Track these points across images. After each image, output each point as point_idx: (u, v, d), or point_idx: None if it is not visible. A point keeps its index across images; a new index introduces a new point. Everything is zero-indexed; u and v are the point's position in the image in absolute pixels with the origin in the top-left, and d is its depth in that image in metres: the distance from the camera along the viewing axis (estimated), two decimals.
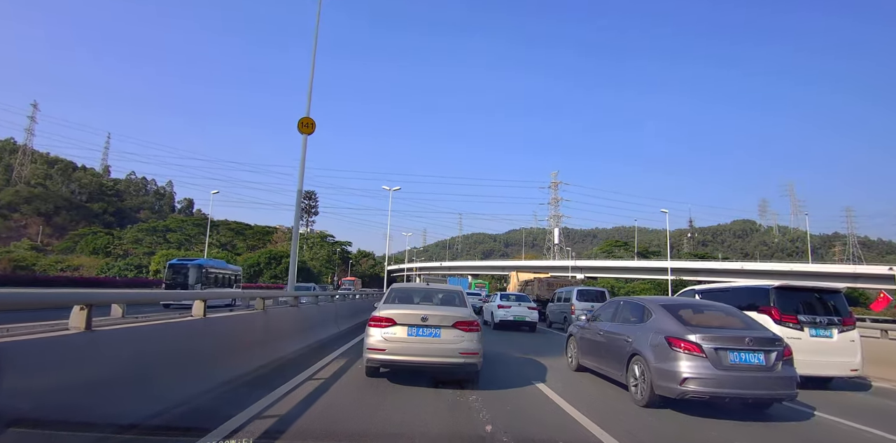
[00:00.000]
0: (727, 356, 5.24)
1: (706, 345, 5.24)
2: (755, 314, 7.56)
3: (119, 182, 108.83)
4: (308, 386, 5.57)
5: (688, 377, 5.12)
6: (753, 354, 5.31)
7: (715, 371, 5.12)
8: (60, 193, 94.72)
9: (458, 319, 5.81)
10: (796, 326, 7.40)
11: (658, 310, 6.12)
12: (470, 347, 5.72)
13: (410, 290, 7.46)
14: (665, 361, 5.37)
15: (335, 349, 8.72)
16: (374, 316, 5.86)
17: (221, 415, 3.93)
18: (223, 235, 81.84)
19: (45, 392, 2.84)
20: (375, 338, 5.74)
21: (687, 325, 5.63)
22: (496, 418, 4.53)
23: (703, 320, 5.91)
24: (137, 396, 3.65)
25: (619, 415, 5.08)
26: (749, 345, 5.32)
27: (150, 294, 11.29)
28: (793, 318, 7.46)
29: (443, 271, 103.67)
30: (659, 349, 5.52)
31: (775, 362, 5.31)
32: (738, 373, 5.18)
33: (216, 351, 5.27)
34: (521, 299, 16.88)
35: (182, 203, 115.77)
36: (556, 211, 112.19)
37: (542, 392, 5.93)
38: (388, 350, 5.67)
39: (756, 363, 5.29)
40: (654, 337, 5.71)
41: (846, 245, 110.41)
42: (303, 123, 11.59)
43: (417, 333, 5.73)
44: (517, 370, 7.70)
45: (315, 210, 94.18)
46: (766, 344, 5.38)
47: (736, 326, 5.82)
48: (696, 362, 5.19)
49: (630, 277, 72.18)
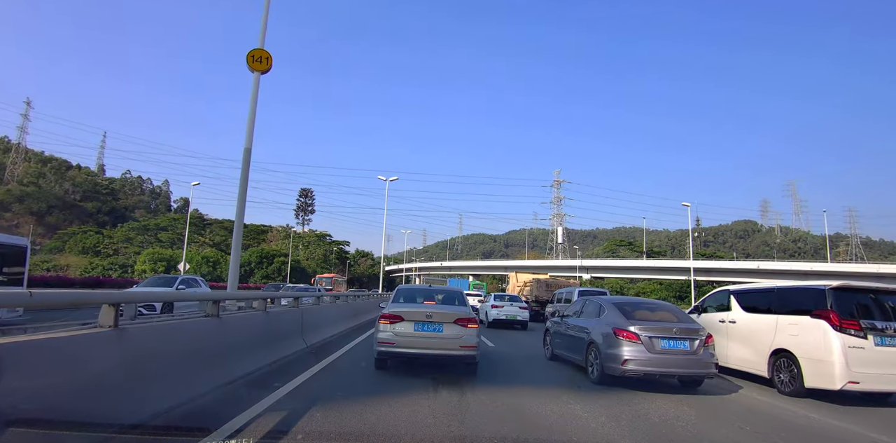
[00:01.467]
0: (659, 343, 6.56)
1: (642, 334, 6.58)
2: (807, 320, 6.81)
3: (114, 181, 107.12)
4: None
5: (627, 359, 6.45)
6: (680, 341, 6.63)
7: (649, 354, 6.45)
8: (54, 191, 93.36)
9: (459, 316, 6.58)
10: (859, 334, 6.37)
11: (610, 307, 7.50)
12: (469, 340, 6.49)
13: (415, 290, 8.38)
14: (611, 347, 6.70)
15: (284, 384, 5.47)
16: (384, 313, 6.62)
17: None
18: (216, 233, 79.82)
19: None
20: (386, 333, 6.46)
21: (629, 319, 6.94)
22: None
23: (644, 316, 7.15)
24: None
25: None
26: (676, 334, 6.67)
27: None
28: (854, 324, 6.44)
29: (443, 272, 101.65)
30: (607, 338, 6.85)
31: (698, 348, 6.62)
32: (667, 356, 6.51)
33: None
34: (513, 300, 18.01)
35: (178, 202, 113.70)
36: (559, 210, 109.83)
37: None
38: (397, 343, 6.41)
39: (682, 348, 6.62)
40: (604, 329, 7.04)
41: (849, 245, 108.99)
42: (253, 56, 9.38)
43: (423, 328, 6.50)
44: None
45: (311, 208, 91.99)
46: (691, 333, 6.72)
47: (669, 320, 7.10)
48: (634, 348, 6.51)
49: (638, 277, 69.72)
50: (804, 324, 6.81)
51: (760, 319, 7.68)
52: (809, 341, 6.63)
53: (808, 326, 6.74)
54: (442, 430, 4.03)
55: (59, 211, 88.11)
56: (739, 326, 8.10)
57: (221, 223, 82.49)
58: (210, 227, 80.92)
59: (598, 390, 6.48)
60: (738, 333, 8.08)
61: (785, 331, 7.07)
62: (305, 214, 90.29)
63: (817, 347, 6.49)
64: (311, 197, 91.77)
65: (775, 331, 7.23)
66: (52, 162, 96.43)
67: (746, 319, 8.01)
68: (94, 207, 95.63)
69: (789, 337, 6.95)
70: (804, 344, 6.68)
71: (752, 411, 5.78)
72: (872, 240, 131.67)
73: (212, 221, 79.78)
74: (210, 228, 79.98)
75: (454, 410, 4.76)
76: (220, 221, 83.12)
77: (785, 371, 6.91)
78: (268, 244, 76.23)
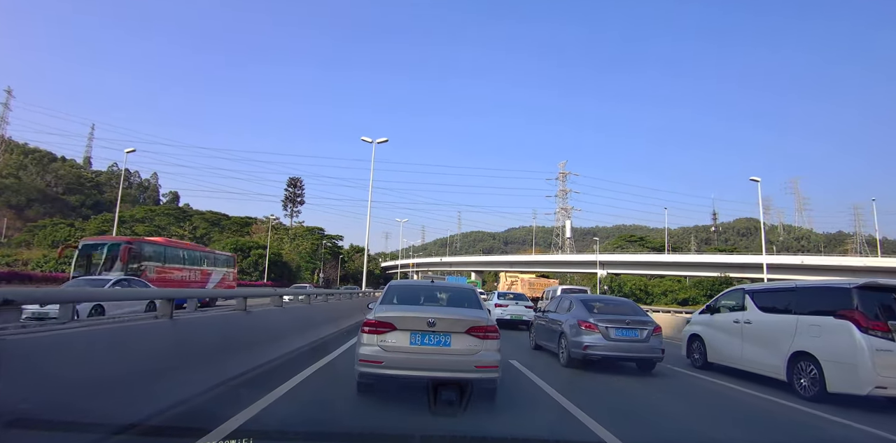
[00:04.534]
0: (613, 331, 8.12)
1: (600, 325, 8.13)
2: (831, 320, 6.51)
3: (100, 174, 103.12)
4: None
5: (587, 345, 8.01)
6: (631, 330, 8.18)
7: (605, 341, 8.03)
8: (35, 184, 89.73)
9: (473, 323, 4.96)
10: (886, 336, 6.01)
11: (578, 303, 9.09)
12: (487, 358, 4.87)
13: (412, 288, 6.79)
14: (576, 335, 8.26)
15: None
16: (369, 320, 5.00)
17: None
18: (199, 226, 74.82)
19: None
20: (370, 347, 4.85)
21: (591, 312, 8.55)
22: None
23: (604, 310, 8.85)
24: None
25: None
26: (628, 325, 8.22)
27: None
28: (882, 325, 6.08)
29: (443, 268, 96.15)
30: (573, 328, 8.42)
31: (647, 336, 8.18)
32: (620, 342, 8.09)
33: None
34: (518, 298, 17.63)
35: (168, 196, 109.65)
36: (565, 203, 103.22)
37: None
38: (387, 362, 4.76)
39: (633, 337, 8.17)
40: (572, 321, 8.60)
41: (854, 243, 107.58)
42: None
43: (422, 341, 4.85)
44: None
45: (301, 199, 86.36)
46: (641, 325, 8.26)
47: (625, 314, 8.67)
48: (594, 336, 8.08)
49: (661, 273, 62.27)
50: (827, 325, 6.55)
51: (778, 320, 7.49)
52: (833, 344, 6.39)
53: (832, 327, 6.46)
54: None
55: (40, 204, 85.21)
56: (755, 327, 7.96)
57: (203, 215, 77.52)
58: (190, 218, 76.03)
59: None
60: (753, 334, 7.97)
61: (806, 332, 6.84)
62: (294, 205, 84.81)
63: (842, 349, 6.24)
64: (300, 187, 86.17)
65: (795, 332, 7.02)
66: (34, 153, 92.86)
67: (763, 319, 7.86)
68: (78, 201, 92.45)
69: (811, 339, 6.73)
70: (827, 346, 6.45)
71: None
72: (875, 238, 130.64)
73: (193, 212, 74.88)
74: (191, 221, 75.08)
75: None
76: (202, 213, 78.15)
77: (805, 375, 6.69)
78: (251, 237, 70.84)
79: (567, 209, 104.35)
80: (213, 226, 77.48)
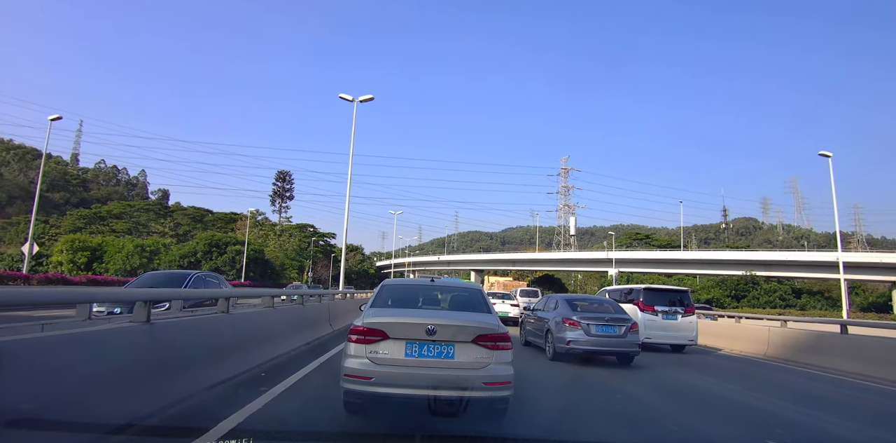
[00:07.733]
0: (594, 328, 9.02)
1: (582, 322, 9.05)
2: (630, 305, 11.99)
3: (87, 171, 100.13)
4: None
5: (570, 340, 8.92)
6: (610, 327, 9.08)
7: (587, 337, 8.94)
8: (17, 181, 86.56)
9: (482, 330, 4.18)
10: (653, 313, 12.05)
11: (563, 302, 10.10)
12: (499, 373, 4.11)
13: (409, 288, 5.91)
14: (560, 331, 9.15)
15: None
16: (356, 327, 4.23)
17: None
18: (181, 222, 71.07)
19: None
20: (358, 359, 4.08)
21: (574, 311, 9.52)
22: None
23: (586, 308, 9.90)
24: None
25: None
26: (607, 322, 9.12)
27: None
28: (651, 307, 12.04)
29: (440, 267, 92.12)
30: (558, 325, 9.31)
31: (625, 332, 9.07)
32: (601, 338, 8.98)
33: None
34: (505, 297, 20.29)
35: (157, 194, 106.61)
36: (567, 200, 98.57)
37: None
38: (377, 378, 3.98)
39: (612, 333, 9.06)
40: (557, 318, 9.47)
41: (854, 242, 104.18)
42: None
43: (420, 352, 4.08)
44: None
45: (290, 194, 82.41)
46: (620, 322, 9.16)
47: (606, 311, 9.68)
48: (576, 332, 8.99)
49: (679, 272, 58.10)
50: (628, 308, 11.77)
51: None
52: (631, 315, 10.28)
53: (630, 308, 11.91)
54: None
55: (23, 201, 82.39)
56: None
57: (185, 211, 73.89)
58: (172, 214, 72.48)
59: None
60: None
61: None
62: (283, 200, 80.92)
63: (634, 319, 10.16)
64: (289, 181, 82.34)
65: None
66: (17, 150, 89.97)
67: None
68: (62, 198, 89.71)
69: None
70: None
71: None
72: (874, 238, 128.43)
73: (175, 207, 71.23)
74: (172, 217, 71.52)
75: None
76: (184, 209, 74.51)
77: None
78: (235, 233, 66.90)
79: (570, 206, 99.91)
80: (196, 222, 74.46)
